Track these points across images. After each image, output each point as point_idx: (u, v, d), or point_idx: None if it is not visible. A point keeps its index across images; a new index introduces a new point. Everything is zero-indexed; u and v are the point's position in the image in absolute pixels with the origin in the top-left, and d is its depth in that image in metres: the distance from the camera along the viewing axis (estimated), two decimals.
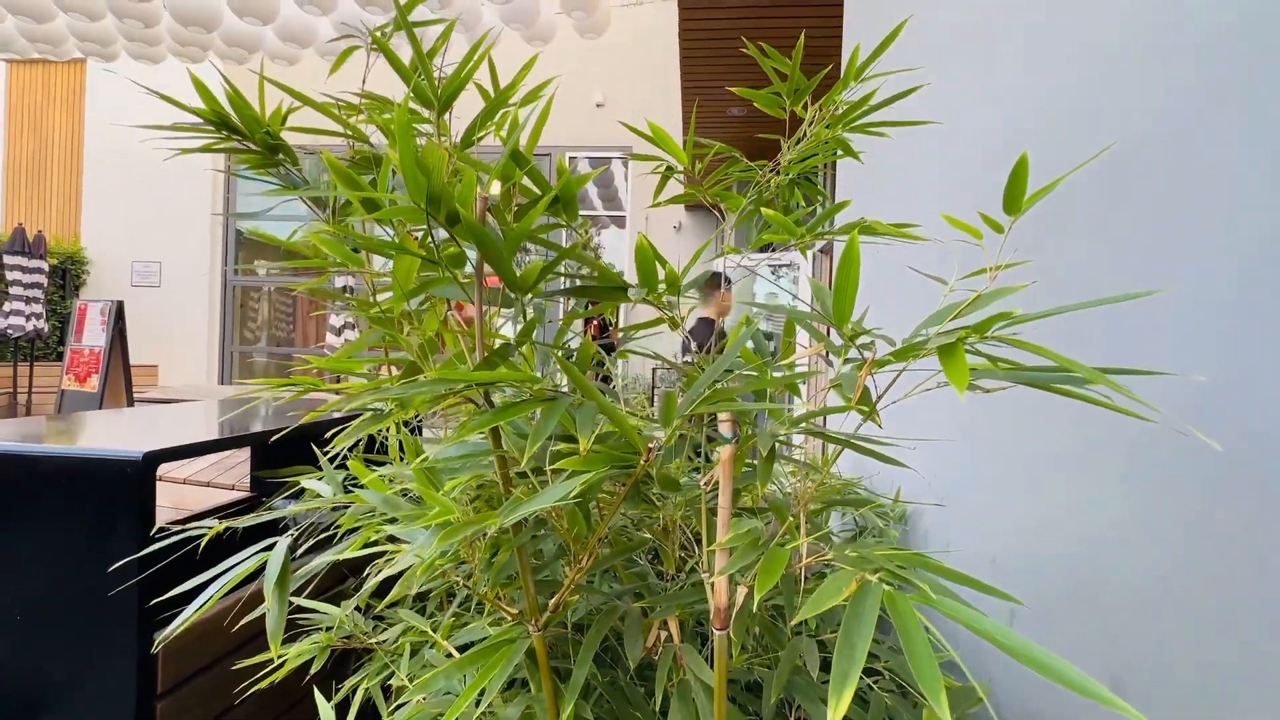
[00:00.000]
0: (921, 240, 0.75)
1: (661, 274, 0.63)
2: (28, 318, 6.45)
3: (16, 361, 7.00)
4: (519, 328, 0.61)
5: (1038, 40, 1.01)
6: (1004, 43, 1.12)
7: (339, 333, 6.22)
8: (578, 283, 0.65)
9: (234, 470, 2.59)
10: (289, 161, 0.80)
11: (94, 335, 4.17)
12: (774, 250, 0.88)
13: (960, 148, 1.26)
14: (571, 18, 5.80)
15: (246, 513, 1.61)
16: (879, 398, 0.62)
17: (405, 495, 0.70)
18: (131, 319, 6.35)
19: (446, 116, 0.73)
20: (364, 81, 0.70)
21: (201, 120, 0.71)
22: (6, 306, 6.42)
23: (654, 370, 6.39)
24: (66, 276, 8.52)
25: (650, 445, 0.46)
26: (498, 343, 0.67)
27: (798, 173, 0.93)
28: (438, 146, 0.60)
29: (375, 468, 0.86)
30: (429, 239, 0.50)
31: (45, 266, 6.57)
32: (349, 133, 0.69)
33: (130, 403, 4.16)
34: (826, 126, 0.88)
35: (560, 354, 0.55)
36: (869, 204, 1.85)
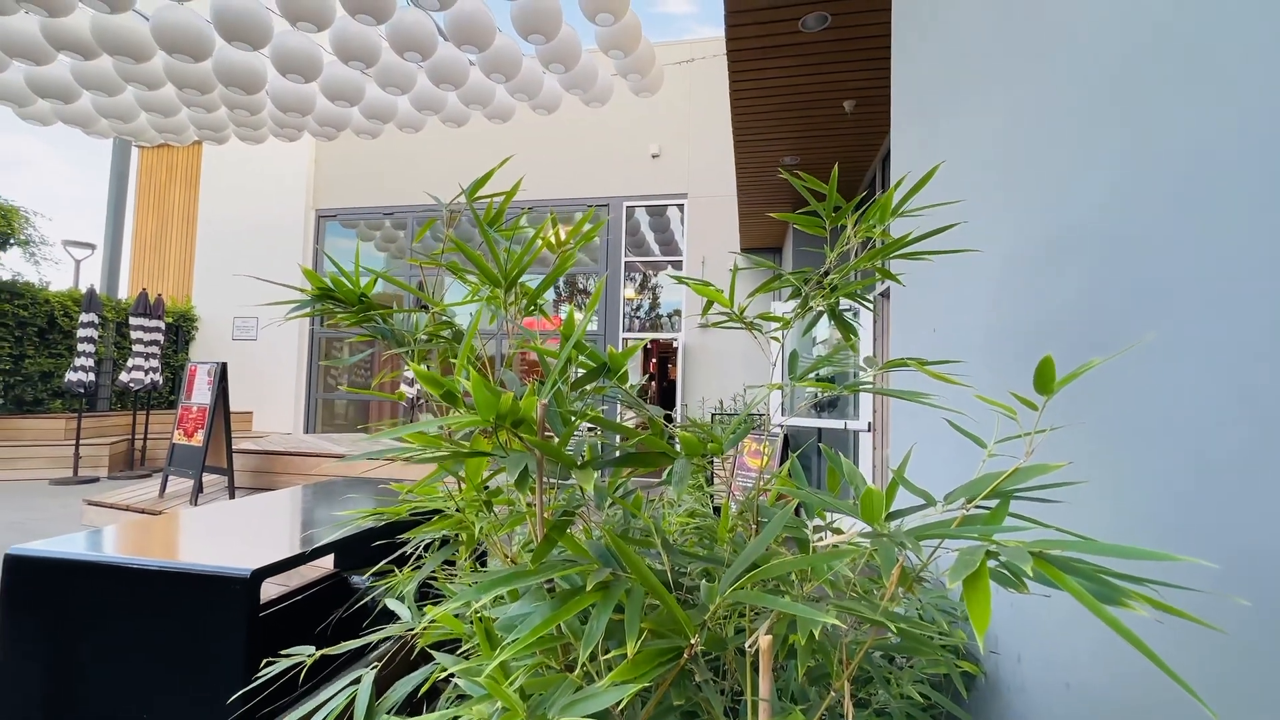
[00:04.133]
0: (957, 384, 0.77)
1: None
2: (146, 372, 7.21)
3: (135, 411, 7.81)
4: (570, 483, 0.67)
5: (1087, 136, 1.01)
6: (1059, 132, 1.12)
7: (412, 384, 6.59)
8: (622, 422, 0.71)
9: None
10: (380, 316, 0.92)
11: (201, 394, 4.63)
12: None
13: (1015, 224, 1.25)
14: (627, 80, 6.09)
15: (331, 590, 1.74)
16: (918, 571, 0.63)
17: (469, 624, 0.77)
18: (231, 370, 7.00)
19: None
20: (440, 255, 0.81)
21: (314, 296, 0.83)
22: (129, 363, 7.21)
23: (717, 409, 6.41)
24: (179, 333, 9.48)
25: (692, 641, 0.50)
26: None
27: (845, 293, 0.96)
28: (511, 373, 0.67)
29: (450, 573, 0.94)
30: (497, 434, 0.58)
31: (162, 325, 7.37)
32: (431, 305, 0.79)
33: (229, 454, 4.57)
34: (868, 241, 0.92)
35: (613, 531, 0.60)
36: (921, 284, 1.84)
